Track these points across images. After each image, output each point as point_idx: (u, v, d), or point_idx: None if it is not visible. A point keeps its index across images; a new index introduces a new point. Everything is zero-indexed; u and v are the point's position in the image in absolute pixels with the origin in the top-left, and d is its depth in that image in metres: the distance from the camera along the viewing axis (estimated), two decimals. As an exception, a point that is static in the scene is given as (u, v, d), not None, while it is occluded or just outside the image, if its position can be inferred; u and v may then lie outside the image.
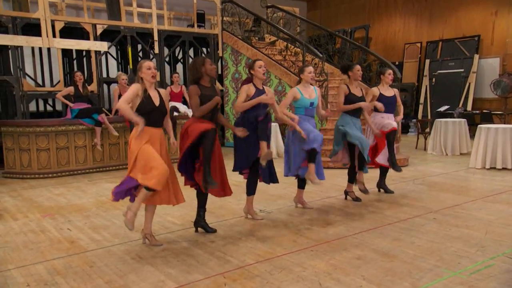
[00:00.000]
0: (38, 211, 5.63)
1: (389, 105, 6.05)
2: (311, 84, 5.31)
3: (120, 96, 8.56)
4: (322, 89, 9.51)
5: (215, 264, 3.74)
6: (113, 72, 12.42)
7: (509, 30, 12.65)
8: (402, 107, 6.46)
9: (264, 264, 3.72)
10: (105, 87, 11.14)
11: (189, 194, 4.60)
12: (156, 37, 10.57)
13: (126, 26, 10.23)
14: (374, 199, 5.93)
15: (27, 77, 10.13)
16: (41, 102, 11.93)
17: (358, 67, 5.59)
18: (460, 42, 13.71)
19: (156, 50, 10.62)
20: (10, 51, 9.18)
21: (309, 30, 18.02)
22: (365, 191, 5.98)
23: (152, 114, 4.00)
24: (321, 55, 9.79)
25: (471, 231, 4.51)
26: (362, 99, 5.64)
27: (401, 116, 6.41)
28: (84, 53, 11.05)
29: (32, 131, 7.84)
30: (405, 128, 14.39)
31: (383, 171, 6.25)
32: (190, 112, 9.34)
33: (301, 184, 5.50)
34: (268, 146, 4.68)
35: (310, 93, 5.25)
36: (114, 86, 10.25)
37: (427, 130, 10.67)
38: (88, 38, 9.92)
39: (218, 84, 11.74)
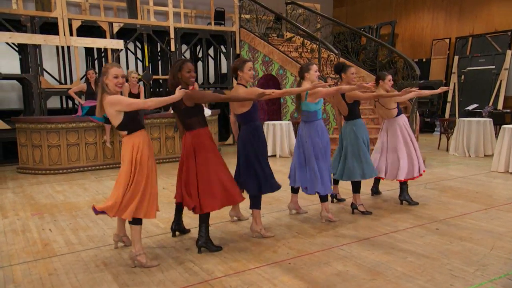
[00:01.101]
0: (31, 209, 5.44)
1: (398, 107, 5.47)
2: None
3: (130, 93, 8.35)
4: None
5: (180, 276, 3.36)
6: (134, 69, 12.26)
7: (544, 25, 11.59)
8: None
9: (232, 278, 3.31)
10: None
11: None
12: (172, 35, 10.27)
13: (142, 24, 9.99)
14: (377, 205, 5.38)
15: (45, 74, 10.06)
16: (64, 99, 11.91)
17: (352, 69, 4.89)
18: (492, 37, 12.71)
19: (173, 48, 10.33)
20: (29, 49, 9.10)
21: (335, 27, 17.41)
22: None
23: (138, 117, 3.63)
24: (336, 51, 9.22)
25: (475, 245, 3.92)
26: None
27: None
28: (105, 51, 10.88)
29: (43, 128, 7.73)
30: (430, 127, 13.58)
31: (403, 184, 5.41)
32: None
33: (295, 188, 5.00)
34: None
35: None
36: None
37: (452, 130, 9.84)
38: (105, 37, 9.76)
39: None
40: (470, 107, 12.55)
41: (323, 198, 4.66)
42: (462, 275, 3.29)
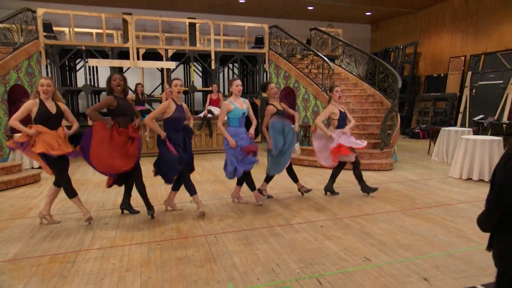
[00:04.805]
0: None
1: (342, 120, 4.81)
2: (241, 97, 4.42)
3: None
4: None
5: (66, 243, 3.32)
6: (197, 82, 12.55)
7: (550, 41, 9.30)
8: (352, 121, 4.90)
9: (100, 251, 3.20)
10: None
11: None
12: (213, 57, 10.29)
13: (190, 49, 10.15)
14: (296, 199, 4.79)
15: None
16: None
17: (271, 85, 4.58)
18: (502, 55, 10.57)
19: (213, 67, 10.34)
20: (111, 70, 9.82)
21: (374, 47, 16.01)
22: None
23: (51, 120, 3.66)
24: (332, 67, 8.45)
25: (333, 244, 3.28)
26: (282, 112, 4.63)
27: (351, 125, 4.94)
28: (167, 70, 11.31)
29: (105, 125, 8.26)
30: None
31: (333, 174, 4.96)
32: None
33: (240, 181, 4.62)
34: None
35: (241, 104, 4.36)
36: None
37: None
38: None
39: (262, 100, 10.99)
40: (476, 118, 10.64)
41: (238, 182, 4.47)
42: (258, 272, 2.76)
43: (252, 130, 4.41)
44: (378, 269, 2.79)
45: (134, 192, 4.15)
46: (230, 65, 12.67)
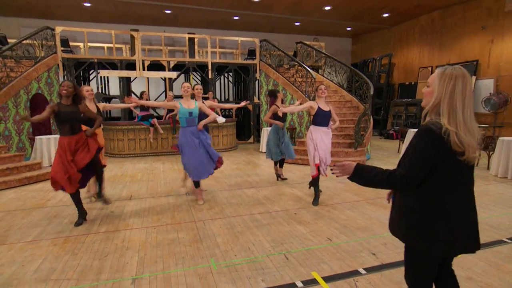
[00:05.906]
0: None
1: (324, 118, 4.89)
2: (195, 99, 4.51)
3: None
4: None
5: (81, 227, 3.53)
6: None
7: (503, 56, 9.58)
8: (337, 121, 4.90)
9: (107, 234, 3.40)
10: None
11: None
12: (209, 67, 10.51)
13: (189, 61, 10.37)
14: (277, 191, 5.01)
15: (133, 95, 10.98)
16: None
17: (280, 93, 4.89)
18: (462, 66, 10.80)
19: (210, 76, 10.56)
20: (120, 80, 10.01)
21: (355, 58, 16.28)
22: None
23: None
24: (314, 76, 8.70)
25: (292, 229, 3.50)
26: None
27: (336, 125, 5.05)
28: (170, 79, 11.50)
29: (114, 128, 8.47)
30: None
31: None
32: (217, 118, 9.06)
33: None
34: None
35: (189, 104, 4.29)
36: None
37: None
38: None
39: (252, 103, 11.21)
40: (441, 120, 10.91)
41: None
42: (183, 255, 2.99)
43: (202, 122, 4.35)
44: (336, 247, 3.03)
45: (144, 185, 4.35)
46: (226, 74, 12.90)
